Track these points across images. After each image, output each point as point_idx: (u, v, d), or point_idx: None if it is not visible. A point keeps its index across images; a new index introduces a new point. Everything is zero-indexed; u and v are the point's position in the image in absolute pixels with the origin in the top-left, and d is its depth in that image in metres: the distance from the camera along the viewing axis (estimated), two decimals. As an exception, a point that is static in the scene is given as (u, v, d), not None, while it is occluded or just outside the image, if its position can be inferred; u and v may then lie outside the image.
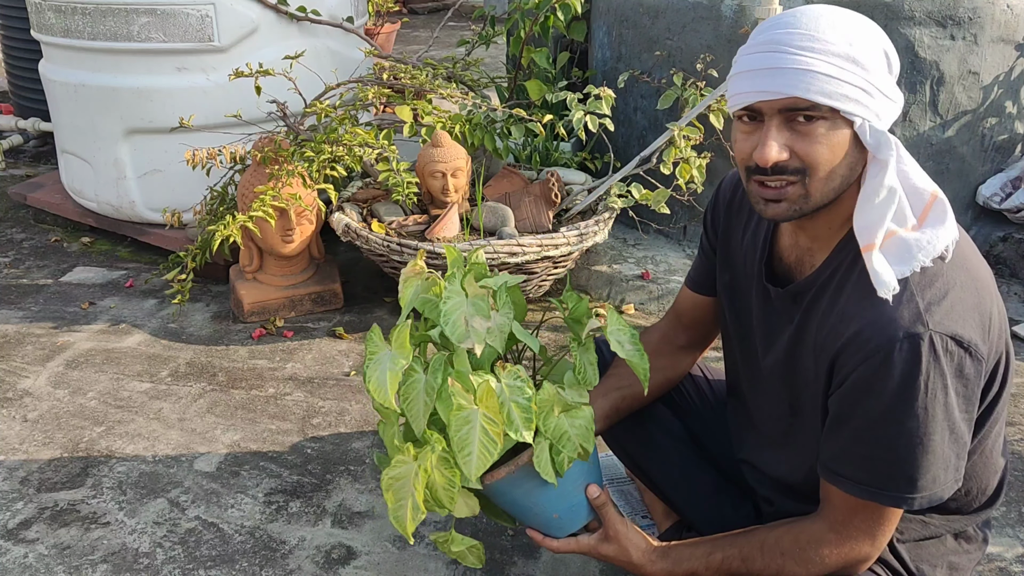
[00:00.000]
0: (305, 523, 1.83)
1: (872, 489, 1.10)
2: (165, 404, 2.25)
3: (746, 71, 1.08)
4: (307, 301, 2.71)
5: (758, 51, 1.07)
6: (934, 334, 1.03)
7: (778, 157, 1.07)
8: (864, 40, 1.06)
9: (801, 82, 1.03)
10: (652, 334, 1.58)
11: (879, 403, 1.06)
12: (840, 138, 1.06)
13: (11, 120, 4.13)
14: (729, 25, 2.71)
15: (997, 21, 2.59)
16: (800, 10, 1.09)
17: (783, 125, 1.07)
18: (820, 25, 1.05)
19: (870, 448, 1.09)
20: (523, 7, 2.93)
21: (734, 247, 1.36)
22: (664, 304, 2.72)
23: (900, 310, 1.05)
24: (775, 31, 1.07)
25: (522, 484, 1.28)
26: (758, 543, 1.22)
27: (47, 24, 2.88)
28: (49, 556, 1.74)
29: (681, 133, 2.52)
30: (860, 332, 1.07)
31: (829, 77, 1.03)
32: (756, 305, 1.30)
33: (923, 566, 1.26)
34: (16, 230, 3.42)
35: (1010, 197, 2.79)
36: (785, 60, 1.04)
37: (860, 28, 1.07)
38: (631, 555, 1.29)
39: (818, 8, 1.09)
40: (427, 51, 3.47)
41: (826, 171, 1.07)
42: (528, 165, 2.96)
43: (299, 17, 2.87)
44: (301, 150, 2.47)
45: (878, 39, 1.07)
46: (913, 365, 1.03)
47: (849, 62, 1.04)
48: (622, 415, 1.51)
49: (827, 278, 1.16)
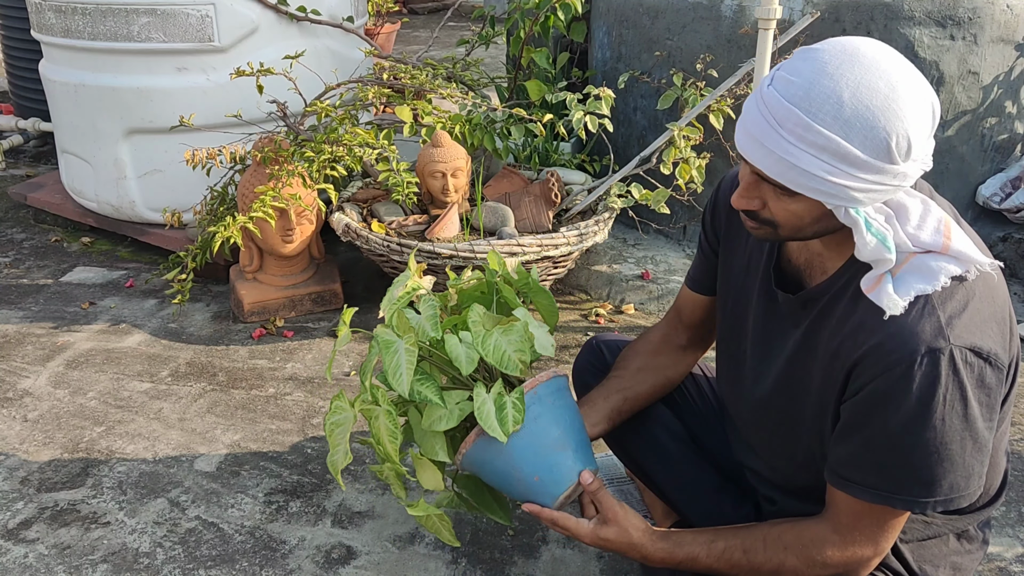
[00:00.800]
0: (305, 523, 1.83)
1: (883, 493, 1.09)
2: (165, 404, 2.25)
3: (744, 114, 1.05)
4: (307, 301, 2.71)
5: (754, 96, 1.03)
6: (955, 348, 1.02)
7: (747, 206, 1.09)
8: (872, 127, 0.96)
9: (775, 165, 1.01)
10: (653, 333, 1.58)
11: (896, 415, 1.05)
12: (809, 207, 1.05)
13: (11, 120, 4.13)
14: (729, 25, 2.71)
15: (997, 21, 2.59)
16: (825, 63, 0.98)
17: (758, 178, 1.07)
18: (828, 95, 0.96)
19: (883, 456, 1.08)
20: (523, 7, 2.93)
21: (736, 249, 1.35)
22: (664, 304, 2.72)
23: (922, 323, 1.03)
24: (779, 80, 1.01)
25: (492, 452, 1.28)
26: (761, 536, 1.22)
27: (47, 24, 2.88)
28: (49, 556, 1.74)
29: (681, 133, 2.52)
30: (882, 344, 1.05)
31: (805, 172, 0.99)
32: (758, 309, 1.29)
33: (926, 567, 1.26)
34: (16, 230, 3.42)
35: (1010, 197, 2.79)
36: (767, 135, 1.00)
37: (877, 107, 0.96)
38: (631, 536, 1.28)
39: (845, 65, 0.97)
40: (427, 51, 3.47)
41: (792, 227, 1.09)
42: (528, 165, 2.96)
43: (299, 17, 2.87)
44: (301, 150, 2.47)
45: (895, 121, 0.96)
46: (933, 379, 1.02)
47: (833, 156, 0.97)
48: (624, 416, 1.50)
49: (843, 285, 1.14)
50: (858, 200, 1.01)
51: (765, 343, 1.28)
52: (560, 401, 1.33)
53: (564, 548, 1.75)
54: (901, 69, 0.98)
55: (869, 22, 2.55)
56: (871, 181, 0.99)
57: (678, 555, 1.26)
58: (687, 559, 1.25)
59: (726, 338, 1.40)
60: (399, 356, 1.26)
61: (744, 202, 1.08)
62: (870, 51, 0.98)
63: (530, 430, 1.28)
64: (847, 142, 0.97)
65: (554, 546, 1.75)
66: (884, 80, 0.96)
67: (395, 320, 1.30)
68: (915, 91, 0.97)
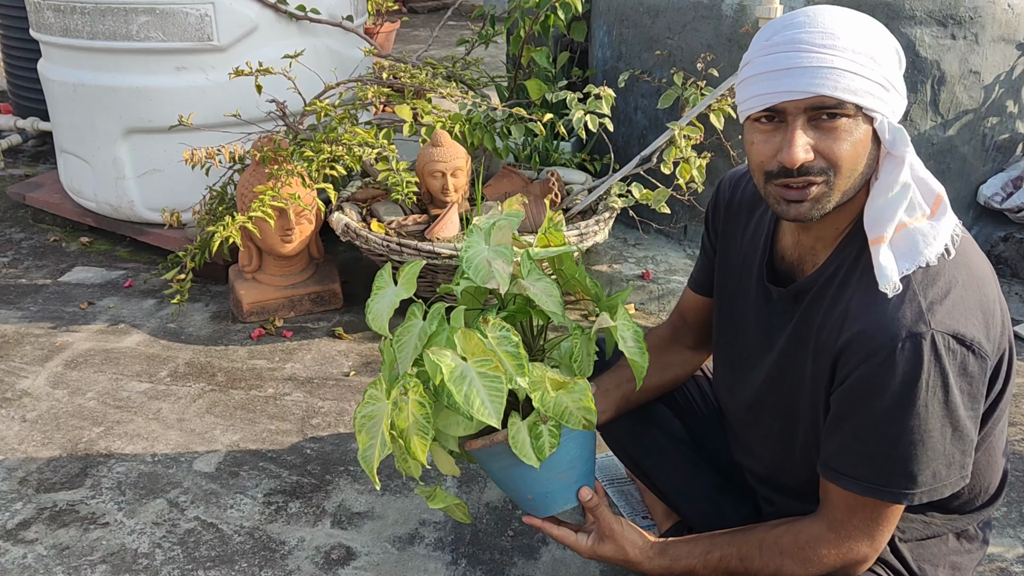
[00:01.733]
0: (304, 523, 1.83)
1: (872, 486, 1.10)
2: (164, 404, 2.25)
3: (765, 72, 1.07)
4: (306, 301, 2.70)
5: (777, 51, 1.06)
6: (936, 333, 1.03)
7: (806, 158, 1.06)
8: (877, 37, 1.07)
9: (828, 80, 1.03)
10: (661, 330, 1.58)
11: (880, 402, 1.06)
12: (862, 135, 1.07)
13: (10, 120, 4.12)
14: (729, 24, 2.70)
15: (998, 20, 2.59)
16: (811, 10, 1.08)
17: (807, 124, 1.06)
18: (835, 23, 1.05)
19: (871, 446, 1.09)
20: (523, 6, 2.92)
21: (732, 248, 1.35)
22: (664, 304, 2.72)
23: (903, 309, 1.05)
24: (791, 31, 1.06)
25: (498, 459, 1.28)
26: (756, 542, 1.22)
27: (46, 23, 2.87)
28: (48, 556, 1.73)
29: (681, 133, 2.51)
30: (863, 331, 1.07)
31: (853, 74, 1.03)
32: (755, 307, 1.29)
33: (925, 566, 1.26)
34: (15, 230, 3.41)
35: (1011, 197, 2.79)
36: (808, 59, 1.04)
37: (871, 25, 1.08)
38: (628, 553, 1.28)
39: (827, 8, 1.08)
40: (427, 50, 3.46)
41: (850, 168, 1.08)
42: (528, 165, 2.96)
43: (298, 16, 2.87)
44: (300, 150, 2.46)
45: (888, 36, 1.08)
46: (915, 364, 1.03)
47: (868, 59, 1.04)
48: (631, 406, 1.50)
49: (830, 275, 1.16)
50: (891, 106, 1.07)
51: (761, 341, 1.28)
52: (580, 434, 1.30)
53: (564, 549, 1.75)
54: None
55: (870, 21, 2.54)
56: (895, 86, 1.07)
57: (676, 569, 1.27)
58: (685, 571, 1.26)
59: (723, 337, 1.40)
60: (473, 383, 1.17)
61: (804, 151, 1.06)
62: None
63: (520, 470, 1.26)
64: (871, 46, 1.05)
65: (554, 547, 1.75)
66: (859, 14, 1.10)
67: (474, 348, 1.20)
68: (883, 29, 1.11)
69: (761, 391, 1.29)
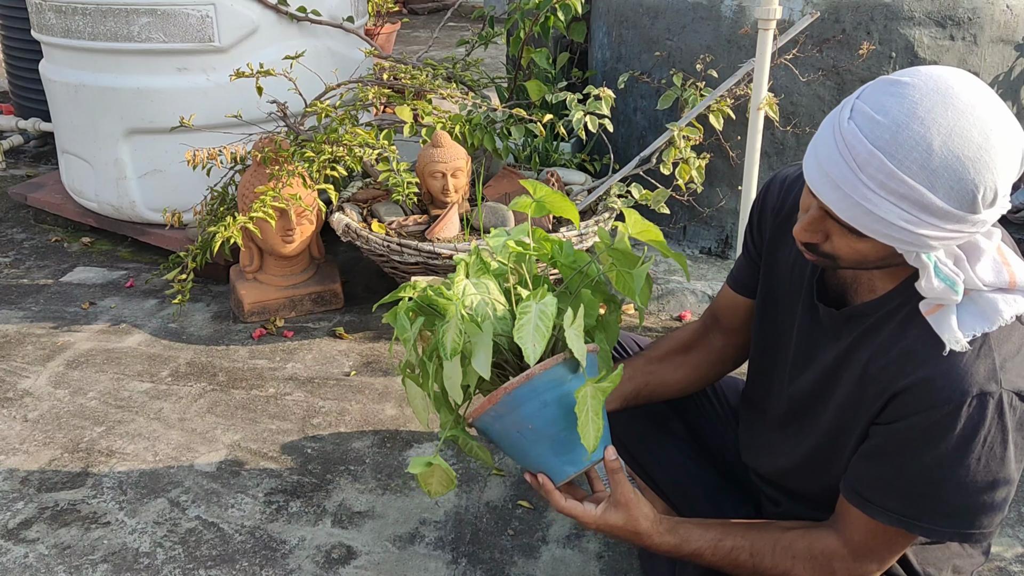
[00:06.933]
0: (305, 523, 1.83)
1: (901, 518, 1.08)
2: (165, 404, 2.25)
3: (815, 143, 0.99)
4: (307, 301, 2.71)
5: (833, 133, 0.97)
6: (1004, 392, 1.00)
7: (809, 239, 1.05)
8: (960, 178, 0.91)
9: (849, 209, 0.96)
10: (688, 329, 1.52)
11: (933, 450, 1.03)
12: (876, 247, 1.00)
13: (11, 120, 4.13)
14: (729, 25, 2.71)
15: (996, 21, 2.59)
16: (915, 103, 0.92)
17: (824, 213, 1.02)
18: (917, 142, 0.91)
19: (912, 485, 1.06)
20: (523, 7, 2.93)
21: (781, 258, 1.30)
22: (664, 304, 2.72)
23: (977, 365, 1.00)
24: (867, 122, 0.93)
25: (510, 414, 1.22)
26: (771, 541, 1.21)
27: (47, 24, 2.88)
28: (49, 556, 1.74)
29: (681, 133, 2.52)
30: (931, 379, 1.02)
31: (881, 219, 0.94)
32: (800, 320, 1.25)
33: (929, 569, 1.26)
34: (16, 230, 3.42)
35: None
36: (844, 177, 0.95)
37: (968, 158, 0.90)
38: (639, 524, 1.23)
39: (938, 109, 0.91)
40: (427, 51, 3.47)
41: (853, 263, 1.05)
42: (528, 165, 2.97)
43: (299, 17, 2.88)
44: (301, 150, 2.47)
45: (984, 173, 0.91)
46: (978, 422, 1.00)
47: (914, 206, 0.92)
48: (640, 401, 1.46)
49: (892, 309, 1.10)
50: (932, 247, 0.97)
51: (806, 351, 1.25)
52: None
53: (564, 548, 1.75)
54: (996, 114, 0.92)
55: (869, 22, 2.55)
56: (949, 230, 0.94)
57: (684, 550, 1.24)
58: (692, 555, 1.24)
59: (764, 343, 1.36)
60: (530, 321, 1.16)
61: (807, 235, 1.04)
62: (965, 93, 0.92)
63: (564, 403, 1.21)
64: (932, 192, 0.91)
65: (554, 546, 1.76)
66: (978, 128, 0.90)
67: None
68: (1008, 139, 0.92)
69: (794, 402, 1.27)
